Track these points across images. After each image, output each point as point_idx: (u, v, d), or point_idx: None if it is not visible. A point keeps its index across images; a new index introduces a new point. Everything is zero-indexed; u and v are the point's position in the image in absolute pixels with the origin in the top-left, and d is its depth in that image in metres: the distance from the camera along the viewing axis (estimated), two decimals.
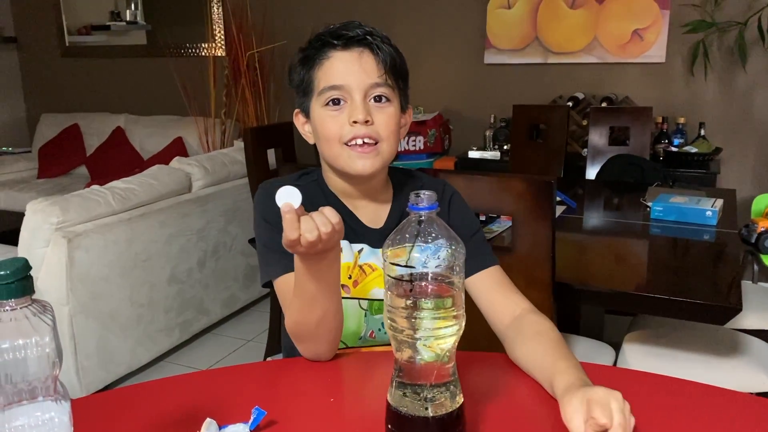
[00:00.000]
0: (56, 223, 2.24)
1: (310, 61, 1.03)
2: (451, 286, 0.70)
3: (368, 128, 0.99)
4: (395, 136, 1.03)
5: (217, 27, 4.34)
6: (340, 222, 0.80)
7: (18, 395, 0.56)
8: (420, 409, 0.71)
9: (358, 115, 0.98)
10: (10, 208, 4.06)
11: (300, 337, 0.95)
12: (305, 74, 1.04)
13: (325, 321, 0.92)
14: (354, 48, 1.00)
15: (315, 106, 1.03)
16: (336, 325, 0.94)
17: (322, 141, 1.03)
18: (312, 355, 0.97)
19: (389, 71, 1.01)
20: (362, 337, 1.10)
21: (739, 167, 3.25)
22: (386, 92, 1.01)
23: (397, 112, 1.03)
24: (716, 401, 0.87)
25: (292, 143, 2.64)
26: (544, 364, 0.89)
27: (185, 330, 2.80)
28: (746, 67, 3.12)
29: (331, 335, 0.95)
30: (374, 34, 1.01)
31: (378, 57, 1.00)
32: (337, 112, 1.00)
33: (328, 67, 1.00)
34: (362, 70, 0.99)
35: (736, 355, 1.68)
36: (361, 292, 1.08)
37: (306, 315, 0.91)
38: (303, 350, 0.97)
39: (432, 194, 0.70)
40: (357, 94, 0.99)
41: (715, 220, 1.97)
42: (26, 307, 0.56)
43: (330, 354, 0.97)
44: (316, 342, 0.95)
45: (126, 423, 0.83)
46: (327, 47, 1.01)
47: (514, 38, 3.61)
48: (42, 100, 5.14)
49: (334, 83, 0.99)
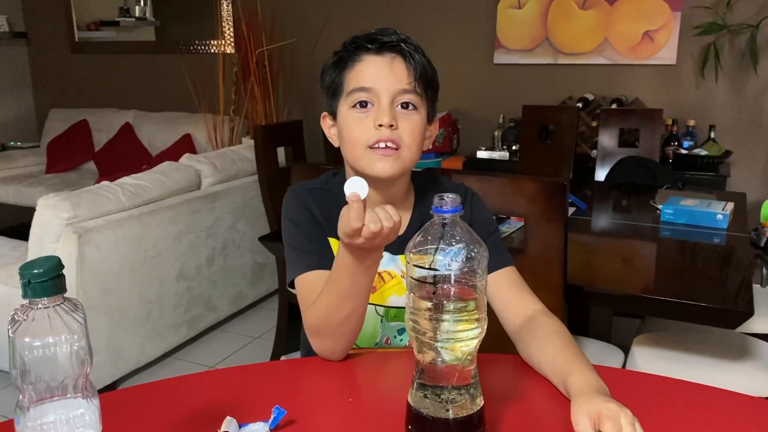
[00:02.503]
0: (67, 219, 2.25)
1: (342, 64, 1.04)
2: (474, 289, 0.70)
3: (392, 132, 0.99)
4: (418, 145, 1.03)
5: (226, 24, 4.34)
6: (400, 221, 0.81)
7: (49, 392, 0.57)
8: (441, 411, 0.71)
9: (384, 119, 0.99)
10: (19, 202, 4.08)
11: (320, 333, 0.96)
12: (336, 76, 1.05)
13: (350, 320, 0.93)
14: (387, 53, 1.01)
15: (342, 108, 1.04)
16: (358, 325, 0.95)
17: (347, 143, 1.04)
18: (327, 353, 0.98)
19: (419, 79, 1.02)
20: (378, 344, 1.11)
21: (749, 170, 3.24)
22: (414, 99, 1.02)
23: (423, 121, 1.04)
24: (726, 405, 0.88)
25: (302, 142, 2.65)
26: (556, 363, 0.90)
27: (193, 326, 2.81)
28: (757, 70, 3.11)
29: (351, 335, 0.96)
30: (408, 42, 1.03)
31: (409, 64, 1.01)
32: (363, 114, 1.01)
33: (360, 70, 1.02)
34: (392, 75, 1.00)
35: (746, 359, 1.68)
36: (378, 298, 1.09)
37: (334, 311, 0.92)
38: (319, 347, 0.98)
39: (456, 197, 0.70)
40: (385, 98, 1.00)
41: (725, 223, 1.97)
42: (59, 305, 0.57)
43: (344, 353, 0.98)
44: (335, 340, 0.95)
45: (148, 420, 0.83)
46: (360, 50, 1.02)
47: (524, 38, 3.60)
48: (51, 95, 5.15)
49: (364, 85, 1.00)
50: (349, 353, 1.08)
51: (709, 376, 1.61)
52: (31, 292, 0.56)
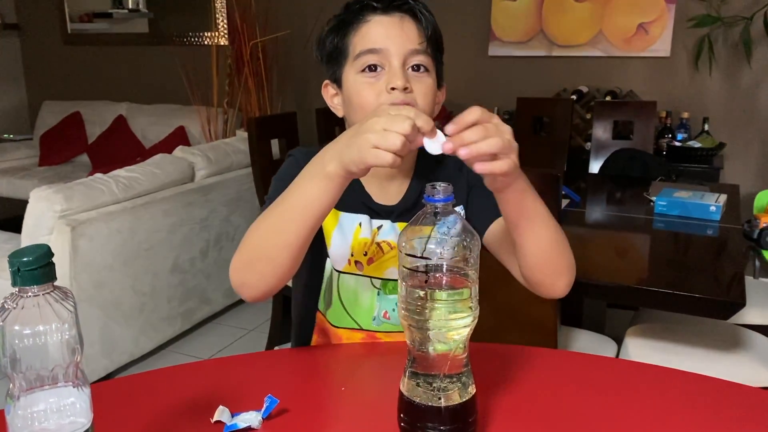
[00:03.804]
0: (60, 211, 2.24)
1: (345, 27, 0.97)
2: (466, 278, 0.70)
3: (406, 96, 0.92)
4: (431, 110, 0.96)
5: (220, 16, 4.32)
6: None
7: (39, 381, 0.57)
8: (433, 399, 0.72)
9: (397, 81, 0.92)
10: (11, 195, 4.06)
11: (259, 257, 0.83)
12: (339, 41, 0.98)
13: (298, 245, 0.82)
14: (395, 12, 0.95)
15: (349, 73, 0.97)
16: (298, 257, 0.84)
17: (356, 110, 0.96)
18: (239, 283, 0.85)
19: (430, 39, 0.96)
20: (376, 318, 1.07)
21: (743, 163, 3.25)
22: (425, 61, 0.95)
23: (434, 84, 0.98)
24: (719, 394, 0.88)
25: (296, 134, 2.64)
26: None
27: (187, 319, 2.81)
28: (751, 63, 3.12)
29: (290, 266, 0.84)
30: (417, 1, 0.96)
31: (420, 23, 0.95)
32: (373, 79, 0.94)
33: (366, 31, 0.95)
34: (403, 34, 0.94)
35: (738, 350, 1.69)
36: (375, 270, 1.04)
37: (285, 231, 0.81)
38: (251, 276, 0.84)
39: (448, 186, 0.70)
40: (396, 59, 0.93)
41: (718, 215, 1.97)
42: (48, 293, 0.57)
43: (274, 290, 0.86)
44: (273, 265, 0.83)
45: (140, 409, 0.83)
46: (366, 10, 0.95)
47: (519, 31, 3.60)
48: (44, 87, 5.12)
49: (373, 47, 0.94)
50: (341, 342, 1.08)
51: (702, 366, 1.62)
52: (20, 280, 0.56)
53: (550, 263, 0.90)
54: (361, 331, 1.07)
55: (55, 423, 0.58)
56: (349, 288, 1.05)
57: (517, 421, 0.80)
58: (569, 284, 0.93)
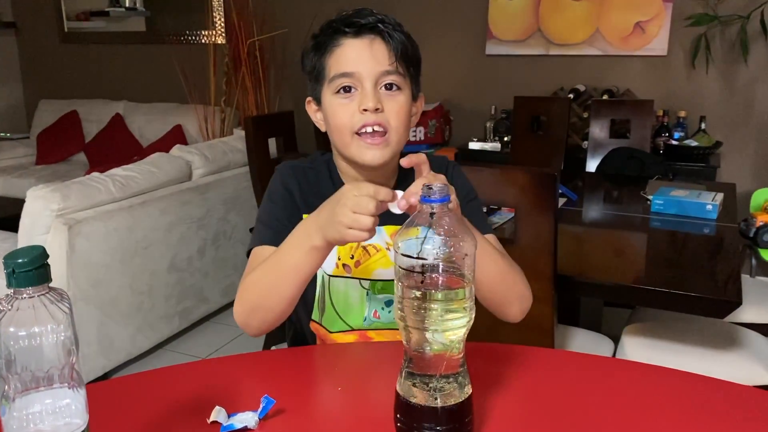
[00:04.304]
0: (57, 210, 2.24)
1: (322, 48, 1.03)
2: (462, 278, 0.70)
3: (378, 116, 0.98)
4: (405, 125, 1.03)
5: (217, 14, 4.31)
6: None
7: (35, 382, 0.57)
8: (429, 399, 0.72)
9: (368, 103, 0.98)
10: (8, 194, 4.05)
11: (260, 307, 0.95)
12: (317, 61, 1.04)
13: (292, 296, 0.93)
14: (365, 35, 1.00)
15: (326, 94, 1.03)
16: (279, 310, 0.94)
17: (333, 130, 1.03)
18: (242, 321, 0.97)
19: (400, 59, 1.00)
20: (366, 318, 1.10)
21: (739, 161, 3.26)
22: (397, 80, 1.01)
23: (408, 100, 1.03)
24: (715, 393, 0.88)
25: (293, 132, 2.64)
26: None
27: (185, 318, 2.80)
28: (748, 61, 3.12)
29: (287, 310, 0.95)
30: (386, 22, 1.01)
31: (389, 45, 1.00)
32: (347, 100, 1.00)
33: (339, 54, 1.00)
34: (373, 57, 0.99)
35: (734, 349, 1.69)
36: (363, 272, 1.08)
37: (280, 290, 0.92)
38: (252, 320, 0.96)
39: (444, 187, 0.70)
40: (368, 81, 0.99)
41: (715, 214, 1.98)
42: (43, 294, 0.57)
43: (257, 331, 0.97)
44: (272, 313, 0.95)
45: (136, 410, 0.83)
46: (338, 34, 1.01)
47: (516, 29, 3.60)
48: (41, 86, 5.11)
49: (345, 70, 0.99)
50: (338, 342, 1.09)
51: (698, 365, 1.62)
52: (15, 281, 0.56)
53: (498, 294, 1.00)
54: (353, 332, 1.10)
55: (50, 424, 0.58)
56: (339, 291, 1.09)
57: (513, 421, 0.81)
58: (523, 311, 1.04)
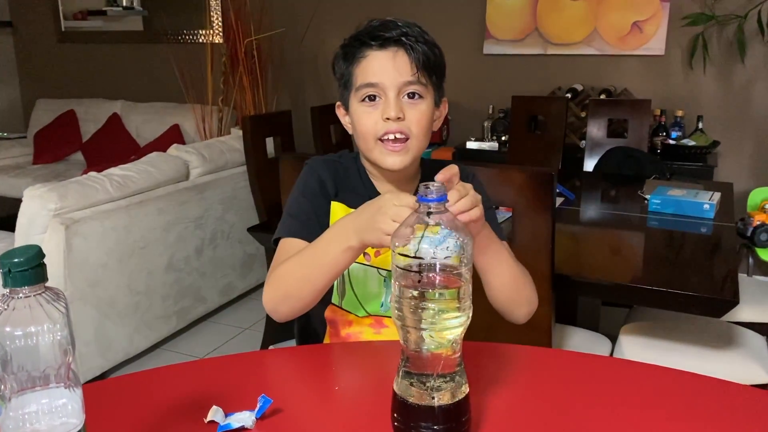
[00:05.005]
0: (54, 210, 2.23)
1: (349, 58, 1.10)
2: (459, 278, 0.70)
3: (400, 124, 1.05)
4: (426, 132, 1.09)
5: (214, 13, 4.31)
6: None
7: (31, 382, 0.57)
8: (426, 399, 0.72)
9: (390, 112, 1.04)
10: (5, 193, 4.04)
11: (291, 296, 1.02)
12: (345, 69, 1.11)
13: (323, 288, 1.00)
14: (389, 48, 1.06)
15: (353, 101, 1.10)
16: (310, 297, 1.01)
17: (359, 135, 1.10)
18: (271, 307, 1.04)
19: (422, 69, 1.06)
20: (383, 304, 1.15)
21: (737, 161, 3.26)
22: (419, 89, 1.07)
23: (429, 107, 1.09)
24: (712, 392, 0.88)
25: (291, 132, 2.63)
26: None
27: (182, 317, 2.80)
28: (745, 61, 3.13)
29: (300, 303, 1.02)
30: (409, 35, 1.06)
31: (411, 56, 1.06)
32: (372, 108, 1.07)
33: (365, 66, 1.07)
34: (395, 69, 1.05)
35: (732, 348, 1.70)
36: (382, 262, 1.15)
37: (313, 281, 0.98)
38: (283, 307, 1.03)
39: (441, 186, 0.70)
40: (391, 91, 1.05)
41: (712, 213, 1.98)
42: (40, 294, 0.56)
43: (286, 317, 1.05)
44: (302, 302, 1.02)
45: (132, 410, 0.83)
46: (364, 46, 1.07)
47: (514, 29, 3.60)
48: (38, 85, 5.10)
49: (370, 81, 1.06)
50: (353, 327, 1.12)
51: (696, 364, 1.62)
52: (11, 281, 0.55)
53: (510, 297, 1.07)
54: (369, 317, 1.16)
55: (46, 424, 0.58)
56: (359, 278, 1.16)
57: (510, 420, 0.81)
58: (529, 313, 1.11)
